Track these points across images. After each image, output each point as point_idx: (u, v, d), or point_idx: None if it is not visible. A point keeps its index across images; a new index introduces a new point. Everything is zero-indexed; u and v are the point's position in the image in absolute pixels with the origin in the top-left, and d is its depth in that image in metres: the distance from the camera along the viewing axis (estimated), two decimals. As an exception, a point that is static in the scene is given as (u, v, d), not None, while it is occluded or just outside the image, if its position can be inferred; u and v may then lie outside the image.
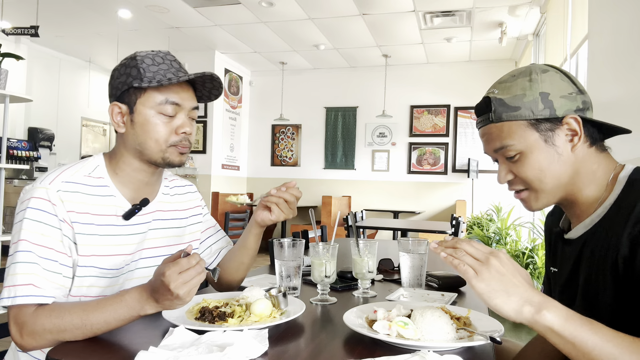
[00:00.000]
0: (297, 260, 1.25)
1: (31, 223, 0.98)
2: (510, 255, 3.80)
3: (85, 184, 1.07)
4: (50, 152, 7.19)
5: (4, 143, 3.30)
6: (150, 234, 1.15)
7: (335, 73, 7.82)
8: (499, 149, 0.92)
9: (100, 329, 0.91)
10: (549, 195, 0.92)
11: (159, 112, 1.08)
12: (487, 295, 0.76)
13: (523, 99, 0.88)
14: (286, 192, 1.18)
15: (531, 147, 0.88)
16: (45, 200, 1.00)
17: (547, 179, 0.90)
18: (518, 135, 0.89)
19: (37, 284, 0.94)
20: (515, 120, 0.88)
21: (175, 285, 0.86)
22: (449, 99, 7.28)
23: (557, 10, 4.36)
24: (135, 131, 1.09)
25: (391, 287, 1.43)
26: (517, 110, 0.88)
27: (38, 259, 0.96)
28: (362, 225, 4.49)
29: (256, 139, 8.19)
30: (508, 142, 0.90)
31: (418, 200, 7.38)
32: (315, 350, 0.86)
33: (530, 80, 0.89)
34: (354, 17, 5.53)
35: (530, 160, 0.89)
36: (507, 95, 0.90)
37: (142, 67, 1.07)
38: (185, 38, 6.46)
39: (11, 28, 4.69)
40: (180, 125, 1.10)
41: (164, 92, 1.08)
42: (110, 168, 1.13)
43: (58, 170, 1.06)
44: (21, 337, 0.93)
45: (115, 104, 1.11)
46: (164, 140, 1.09)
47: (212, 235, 1.35)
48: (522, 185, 0.93)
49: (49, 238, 0.98)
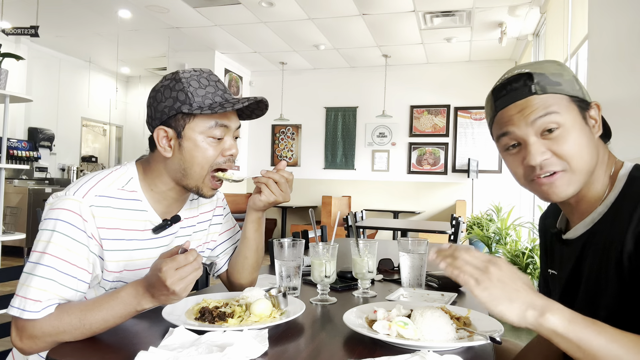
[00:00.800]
0: (297, 260, 1.25)
1: (59, 237, 0.96)
2: (510, 255, 3.80)
3: (118, 197, 1.05)
4: (51, 152, 7.19)
5: (4, 143, 3.30)
6: (175, 242, 1.15)
7: (335, 73, 7.82)
8: (542, 116, 0.85)
9: (98, 327, 0.91)
10: (582, 178, 0.87)
11: (208, 137, 1.06)
12: (490, 302, 0.76)
13: (562, 77, 0.87)
14: (276, 173, 1.17)
15: (573, 122, 0.86)
16: (77, 215, 0.98)
17: (586, 157, 0.86)
18: (563, 107, 0.86)
19: (45, 299, 0.93)
20: (560, 93, 0.86)
21: (172, 281, 0.86)
22: (449, 99, 7.28)
23: (557, 10, 4.36)
24: (182, 156, 1.06)
25: (391, 287, 1.43)
26: (559, 85, 0.87)
27: (57, 274, 0.95)
28: (362, 225, 4.49)
29: (256, 139, 8.19)
30: (553, 109, 0.85)
31: (418, 200, 7.38)
32: (315, 350, 0.86)
33: (560, 65, 0.90)
34: (354, 17, 5.54)
35: (573, 136, 0.85)
36: (550, 70, 0.88)
37: (190, 92, 1.03)
38: (185, 38, 6.46)
39: (11, 28, 4.69)
40: (228, 148, 1.08)
41: (213, 117, 1.05)
42: (145, 183, 1.11)
43: (91, 181, 1.04)
44: (21, 341, 0.93)
45: (162, 127, 1.06)
46: (209, 164, 1.07)
47: (230, 237, 1.33)
48: (559, 165, 0.87)
49: (74, 254, 0.97)
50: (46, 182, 6.67)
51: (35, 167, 6.80)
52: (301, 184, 7.93)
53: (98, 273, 1.03)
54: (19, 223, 5.96)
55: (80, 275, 0.98)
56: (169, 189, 1.11)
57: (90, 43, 6.97)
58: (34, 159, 6.45)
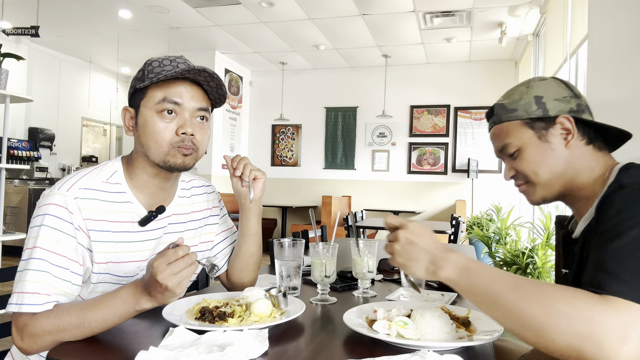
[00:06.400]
0: (297, 260, 1.25)
1: (47, 230, 0.97)
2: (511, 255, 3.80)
3: (102, 190, 1.06)
4: (51, 152, 7.20)
5: (4, 143, 3.31)
6: (165, 238, 1.15)
7: (335, 73, 7.82)
8: (501, 147, 1.02)
9: (98, 326, 0.91)
10: (545, 187, 0.99)
11: (158, 112, 1.05)
12: (404, 267, 0.88)
13: (519, 102, 0.99)
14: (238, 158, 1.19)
15: (526, 143, 0.98)
16: (62, 208, 0.99)
17: (541, 171, 0.98)
18: (514, 133, 1.00)
19: (42, 291, 0.94)
20: (512, 120, 1.00)
21: (163, 276, 0.85)
22: (449, 99, 7.28)
23: (557, 10, 4.36)
24: (138, 133, 1.08)
25: (391, 287, 1.43)
26: (514, 112, 0.99)
27: (50, 266, 0.96)
28: (362, 225, 4.49)
29: (256, 139, 8.19)
30: (507, 140, 1.01)
31: (418, 200, 7.38)
32: (315, 350, 0.87)
33: (528, 87, 1.00)
34: (354, 17, 5.54)
35: (526, 155, 0.99)
36: (507, 100, 1.02)
37: (148, 70, 1.07)
38: (185, 38, 6.46)
39: (11, 28, 4.69)
40: (181, 125, 1.06)
41: (163, 90, 1.05)
42: (127, 173, 1.11)
43: (76, 176, 1.05)
44: (22, 340, 0.93)
45: (126, 107, 1.11)
46: (164, 141, 1.05)
47: (228, 237, 1.33)
48: (522, 179, 1.03)
49: (63, 246, 0.98)
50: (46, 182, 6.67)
51: (36, 167, 6.79)
52: (301, 184, 7.93)
53: (88, 266, 1.03)
54: (19, 223, 5.96)
55: (72, 267, 0.99)
56: (148, 175, 1.11)
57: (90, 43, 6.97)
58: (34, 159, 6.46)
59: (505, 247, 4.15)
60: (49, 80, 7.34)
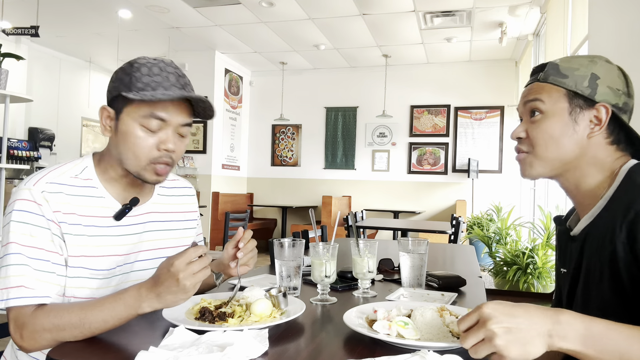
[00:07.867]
0: (297, 260, 1.25)
1: (18, 225, 0.97)
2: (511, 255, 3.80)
3: (71, 185, 1.05)
4: (51, 152, 7.19)
5: (4, 143, 3.31)
6: (147, 235, 1.15)
7: (335, 73, 7.82)
8: (530, 100, 0.96)
9: (98, 328, 0.90)
10: (546, 165, 0.95)
11: (142, 125, 1.02)
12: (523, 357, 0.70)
13: (575, 71, 0.93)
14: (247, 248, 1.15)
15: (554, 112, 0.93)
16: (31, 202, 0.99)
17: (552, 147, 0.94)
18: (552, 97, 0.94)
19: (28, 284, 0.94)
20: (557, 85, 0.94)
21: (184, 275, 0.87)
22: (449, 99, 7.28)
23: (557, 10, 4.36)
24: (117, 139, 1.06)
25: (391, 287, 1.43)
26: (564, 77, 0.94)
27: (28, 260, 0.96)
28: (362, 225, 4.49)
29: (256, 139, 8.19)
30: (541, 97, 0.95)
31: (418, 200, 7.38)
32: (315, 350, 0.86)
33: (591, 61, 0.94)
34: (354, 17, 5.54)
35: (547, 124, 0.94)
36: (564, 64, 0.95)
37: (135, 77, 1.01)
38: (185, 38, 6.47)
39: (11, 28, 4.69)
40: (163, 141, 1.04)
41: (151, 106, 1.02)
42: (99, 169, 1.11)
43: (44, 172, 1.05)
44: (21, 339, 0.93)
45: (105, 107, 1.07)
46: (143, 155, 1.04)
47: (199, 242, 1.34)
48: (526, 147, 0.97)
49: (38, 238, 0.98)
50: (46, 182, 6.66)
51: (36, 167, 6.78)
52: (301, 184, 7.93)
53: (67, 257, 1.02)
54: (19, 223, 5.95)
55: (52, 258, 0.99)
56: (120, 175, 1.10)
57: (90, 43, 6.97)
58: (34, 159, 6.45)
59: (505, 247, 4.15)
60: (49, 80, 7.34)
